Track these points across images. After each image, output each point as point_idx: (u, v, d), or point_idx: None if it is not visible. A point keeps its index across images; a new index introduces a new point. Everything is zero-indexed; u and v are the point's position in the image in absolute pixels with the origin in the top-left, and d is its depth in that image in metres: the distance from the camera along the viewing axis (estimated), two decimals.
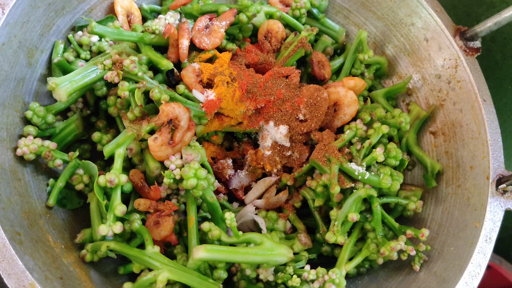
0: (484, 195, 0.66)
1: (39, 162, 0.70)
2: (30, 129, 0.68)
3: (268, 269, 0.64)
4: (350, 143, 0.72)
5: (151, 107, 0.69)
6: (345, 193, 0.69)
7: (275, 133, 0.73)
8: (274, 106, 0.73)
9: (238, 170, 0.77)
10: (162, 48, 0.76)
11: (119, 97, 0.70)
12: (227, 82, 0.72)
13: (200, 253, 0.59)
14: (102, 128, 0.77)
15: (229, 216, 0.61)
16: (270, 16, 0.83)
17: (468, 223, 0.67)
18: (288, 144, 0.74)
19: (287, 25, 0.84)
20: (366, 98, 0.83)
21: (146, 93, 0.68)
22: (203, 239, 0.67)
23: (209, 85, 0.73)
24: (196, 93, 0.71)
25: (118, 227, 0.61)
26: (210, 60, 0.76)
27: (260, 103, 0.72)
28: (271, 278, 0.65)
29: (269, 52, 0.81)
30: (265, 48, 0.82)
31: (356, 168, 0.67)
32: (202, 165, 0.66)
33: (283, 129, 0.73)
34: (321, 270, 0.64)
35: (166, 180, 0.64)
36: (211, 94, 0.70)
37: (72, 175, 0.69)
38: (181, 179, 0.62)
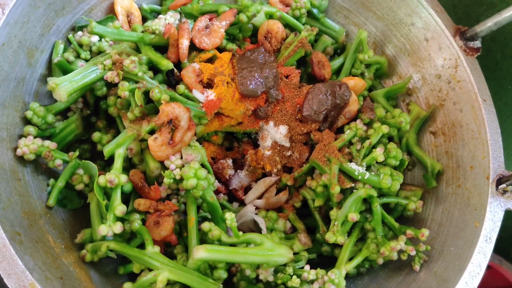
0: (484, 195, 0.66)
1: (39, 162, 0.70)
2: (30, 129, 0.68)
3: (268, 269, 0.64)
4: (350, 143, 0.72)
5: (151, 107, 0.69)
6: (345, 193, 0.69)
7: (275, 133, 0.73)
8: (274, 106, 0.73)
9: (238, 170, 0.77)
10: (162, 48, 0.76)
11: (119, 97, 0.70)
12: (227, 82, 0.71)
13: (200, 253, 0.58)
14: (102, 128, 0.77)
15: (229, 216, 0.61)
16: (270, 16, 0.83)
17: (468, 223, 0.67)
18: (288, 144, 0.74)
19: (287, 25, 0.84)
20: (366, 98, 0.83)
21: (146, 93, 0.68)
22: (203, 239, 0.67)
23: (209, 85, 0.73)
24: (196, 93, 0.71)
25: (118, 227, 0.61)
26: (210, 60, 0.76)
27: (260, 103, 0.72)
28: (271, 278, 0.65)
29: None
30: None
31: (356, 168, 0.67)
32: (202, 165, 0.66)
33: (283, 129, 0.73)
34: (320, 271, 0.64)
35: (166, 180, 0.64)
36: (211, 94, 0.70)
37: (72, 175, 0.69)
38: (181, 179, 0.62)
